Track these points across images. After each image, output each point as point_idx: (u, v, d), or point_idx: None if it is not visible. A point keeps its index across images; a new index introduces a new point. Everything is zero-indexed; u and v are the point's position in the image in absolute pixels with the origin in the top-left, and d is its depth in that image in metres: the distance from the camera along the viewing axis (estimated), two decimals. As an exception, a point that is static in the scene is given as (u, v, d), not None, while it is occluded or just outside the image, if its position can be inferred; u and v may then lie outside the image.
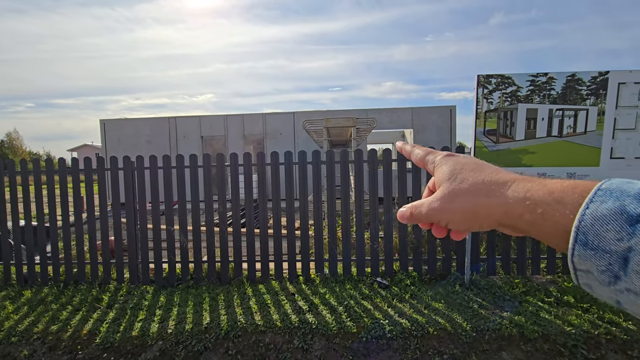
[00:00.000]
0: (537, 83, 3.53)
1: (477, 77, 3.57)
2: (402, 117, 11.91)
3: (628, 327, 2.98)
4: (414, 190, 4.12)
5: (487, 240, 4.13)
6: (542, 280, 3.98)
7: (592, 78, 3.49)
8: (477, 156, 3.65)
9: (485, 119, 3.63)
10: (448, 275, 4.08)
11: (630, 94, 3.48)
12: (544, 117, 3.58)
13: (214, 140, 12.49)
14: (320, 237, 4.20)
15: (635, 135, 3.53)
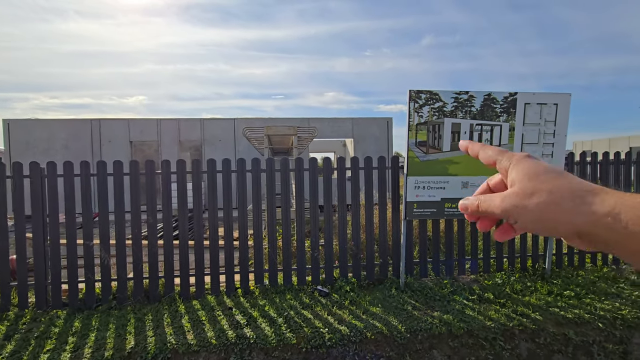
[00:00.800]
0: (460, 100, 3.89)
1: (409, 92, 3.82)
2: (343, 127, 12.28)
3: (536, 318, 3.37)
4: (352, 197, 4.23)
5: (419, 245, 4.39)
6: (467, 280, 4.34)
7: (504, 98, 3.96)
8: (410, 166, 3.89)
9: (416, 131, 3.88)
10: (385, 280, 4.24)
11: (534, 113, 4.01)
12: (466, 131, 3.95)
13: (145, 146, 11.56)
14: (260, 247, 4.08)
15: (538, 149, 4.06)
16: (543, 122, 4.03)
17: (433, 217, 4.04)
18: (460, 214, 4.02)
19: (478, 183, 4.00)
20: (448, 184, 3.97)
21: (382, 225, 4.29)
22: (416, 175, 3.91)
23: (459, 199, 4.08)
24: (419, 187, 3.93)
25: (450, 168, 3.96)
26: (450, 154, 3.95)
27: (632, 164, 4.81)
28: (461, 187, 3.99)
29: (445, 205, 4.00)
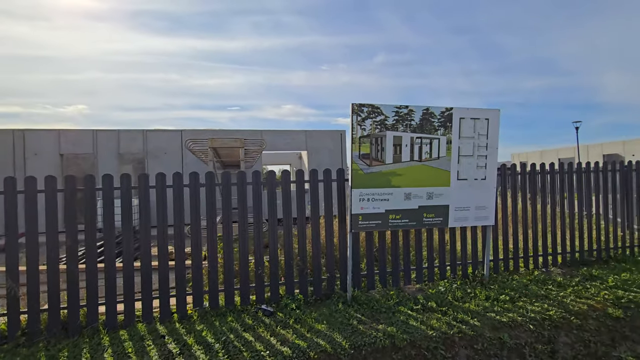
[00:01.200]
0: (400, 114, 4.00)
1: (351, 105, 3.86)
2: (297, 140, 12.26)
3: (474, 324, 3.47)
4: (298, 211, 4.13)
5: (366, 257, 4.38)
6: (413, 289, 4.40)
7: (441, 112, 4.14)
8: (354, 178, 3.90)
9: (360, 143, 3.91)
10: (333, 294, 4.16)
11: (468, 127, 4.24)
12: (407, 144, 4.06)
13: (80, 159, 10.58)
14: (199, 266, 3.81)
15: (473, 161, 4.29)
16: (477, 135, 4.27)
17: (378, 228, 4.07)
18: (405, 225, 4.09)
19: (420, 194, 4.12)
20: (392, 195, 4.03)
21: (329, 238, 4.23)
22: (361, 187, 3.92)
23: (402, 210, 4.17)
24: (364, 199, 3.95)
25: (394, 180, 4.03)
26: (393, 166, 4.03)
27: (564, 174, 5.27)
28: (404, 199, 4.07)
29: (389, 217, 4.05)
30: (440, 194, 4.20)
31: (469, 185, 4.30)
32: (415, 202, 4.12)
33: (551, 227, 5.17)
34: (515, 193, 5.03)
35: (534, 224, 5.09)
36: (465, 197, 4.29)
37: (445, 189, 4.21)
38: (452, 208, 4.27)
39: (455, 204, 4.27)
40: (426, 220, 4.20)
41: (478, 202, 4.36)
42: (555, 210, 5.19)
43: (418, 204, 4.13)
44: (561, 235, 5.22)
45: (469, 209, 4.33)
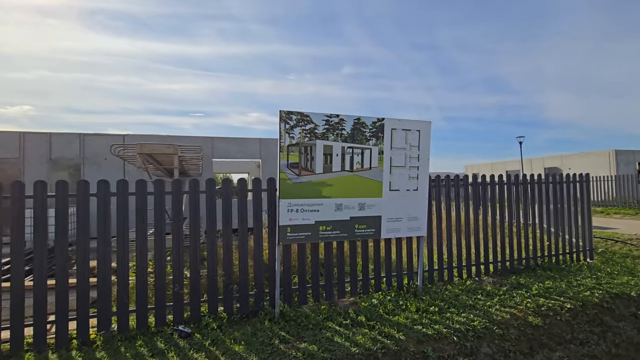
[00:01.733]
0: (331, 123, 3.93)
1: (279, 112, 3.72)
2: (251, 148, 11.97)
3: (400, 338, 3.40)
4: (223, 222, 3.88)
5: (299, 271, 4.21)
6: (346, 303, 4.28)
7: (372, 123, 4.12)
8: (282, 188, 3.74)
9: (288, 152, 3.77)
10: (260, 311, 3.93)
11: (400, 138, 4.25)
12: (338, 154, 3.98)
13: (4, 164, 9.54)
14: (108, 284, 3.44)
15: (405, 172, 4.30)
16: (408, 146, 4.30)
17: (308, 240, 3.92)
18: (336, 236, 3.98)
19: (352, 205, 4.04)
20: (322, 206, 3.91)
21: (257, 251, 4.01)
22: (289, 197, 3.77)
23: (333, 221, 4.06)
24: (293, 210, 3.79)
25: (324, 190, 3.92)
26: (323, 175, 3.92)
27: (511, 184, 5.46)
28: (335, 210, 3.97)
29: (320, 228, 3.93)
30: (372, 204, 4.15)
31: (401, 196, 4.29)
32: (347, 213, 4.03)
33: (483, 237, 5.32)
34: (449, 203, 5.13)
35: (467, 234, 5.21)
36: (397, 208, 4.28)
37: (377, 200, 4.17)
38: (385, 219, 4.23)
39: (387, 215, 4.24)
40: (358, 231, 4.12)
41: (410, 213, 4.37)
42: (487, 220, 5.35)
43: (350, 215, 4.05)
44: (493, 245, 5.39)
45: (401, 220, 4.32)
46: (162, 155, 5.91)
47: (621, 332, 3.99)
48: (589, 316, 4.13)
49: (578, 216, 6.19)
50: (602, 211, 16.14)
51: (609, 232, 10.20)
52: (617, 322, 4.11)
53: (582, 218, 6.21)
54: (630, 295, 4.58)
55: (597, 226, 11.83)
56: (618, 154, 20.65)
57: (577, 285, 4.83)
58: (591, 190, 17.98)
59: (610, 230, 10.87)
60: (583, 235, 6.20)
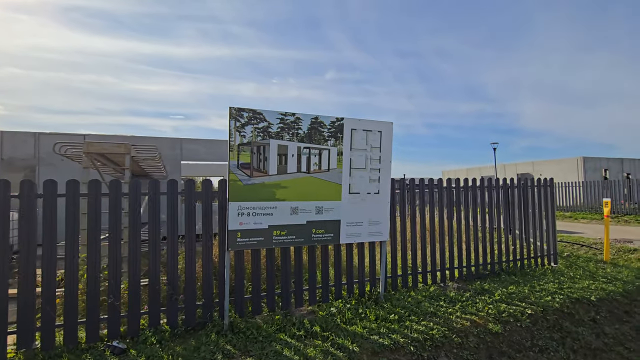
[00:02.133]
0: (286, 122, 3.72)
1: (229, 109, 3.49)
2: (220, 150, 11.61)
3: (353, 350, 3.20)
4: (168, 228, 3.59)
5: (252, 278, 3.96)
6: (304, 312, 4.05)
7: (331, 122, 3.95)
8: (232, 190, 3.49)
9: (239, 152, 3.54)
10: (208, 323, 3.65)
11: (360, 138, 4.09)
12: (294, 154, 3.78)
13: (-52, 164, 8.81)
14: (32, 296, 3.08)
15: (365, 174, 4.14)
16: (369, 148, 4.14)
17: (260, 246, 3.68)
18: (291, 242, 3.76)
19: (308, 208, 3.83)
20: (276, 209, 3.69)
21: (206, 258, 3.74)
22: (239, 200, 3.53)
23: (288, 225, 3.84)
24: (243, 214, 3.55)
25: (278, 192, 3.70)
26: (278, 177, 3.71)
27: (484, 189, 5.39)
28: (290, 213, 3.76)
29: (273, 233, 3.70)
30: (330, 208, 3.96)
31: (362, 199, 4.13)
32: (303, 216, 3.82)
33: (448, 242, 5.23)
34: (414, 207, 5.01)
35: (432, 239, 5.10)
36: (357, 212, 4.11)
37: (336, 203, 3.98)
38: (344, 223, 4.05)
39: (347, 219, 4.05)
40: (315, 236, 3.91)
41: (371, 217, 4.20)
42: (453, 225, 5.27)
43: (306, 219, 3.84)
44: (458, 250, 5.30)
45: (361, 224, 4.15)
46: (116, 156, 5.54)
47: (580, 338, 3.94)
48: (549, 322, 4.06)
49: (543, 221, 6.22)
50: (570, 216, 16.64)
51: (576, 237, 10.44)
52: (576, 328, 4.06)
53: (547, 223, 6.24)
54: (590, 300, 4.56)
55: (564, 230, 12.14)
56: (586, 161, 21.45)
57: (540, 290, 4.79)
58: (558, 195, 18.55)
59: (577, 234, 11.14)
60: (547, 240, 6.22)
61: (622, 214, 15.16)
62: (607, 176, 21.68)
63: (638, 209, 14.82)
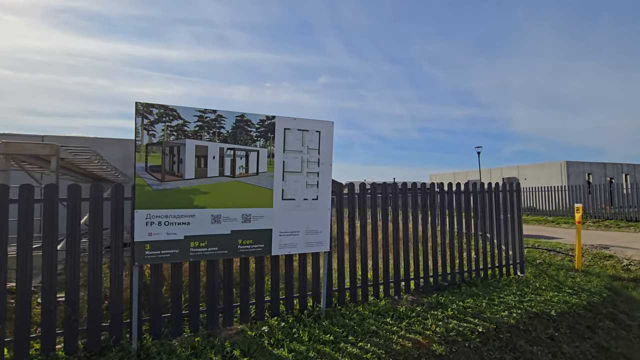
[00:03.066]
0: (205, 119, 3.33)
1: (135, 104, 3.09)
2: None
3: (270, 380, 2.80)
4: (68, 240, 3.16)
5: (172, 295, 3.54)
6: (232, 332, 3.64)
7: (260, 121, 3.57)
8: (139, 196, 3.08)
9: (147, 153, 3.13)
10: (116, 346, 3.21)
11: (295, 139, 3.72)
12: (215, 156, 3.39)
13: None
14: None
15: (301, 178, 3.76)
16: (306, 149, 3.77)
17: (175, 259, 3.27)
18: (213, 254, 3.35)
19: (233, 216, 3.43)
20: (194, 218, 3.28)
21: (114, 273, 3.31)
22: (148, 207, 3.12)
23: (209, 236, 3.42)
24: (154, 223, 3.14)
25: (197, 199, 3.30)
26: (196, 181, 3.30)
27: (469, 193, 5.04)
28: (211, 222, 3.35)
29: (191, 245, 3.29)
30: (260, 216, 3.57)
31: (297, 206, 3.75)
32: (227, 226, 3.42)
33: (403, 250, 4.86)
34: (365, 214, 4.63)
35: (385, 248, 4.73)
36: (292, 220, 3.72)
37: (266, 211, 3.59)
38: (276, 233, 3.65)
39: (280, 228, 3.66)
40: (243, 247, 3.51)
41: (309, 226, 3.82)
42: (408, 233, 4.90)
43: (230, 229, 3.44)
44: (414, 259, 4.94)
45: (297, 234, 3.76)
46: (42, 158, 5.08)
47: (534, 359, 3.58)
48: (501, 341, 3.70)
49: (508, 228, 5.90)
50: (553, 220, 16.47)
51: (554, 243, 10.19)
52: (531, 347, 3.71)
53: (513, 230, 5.92)
54: (549, 314, 4.22)
55: (544, 236, 11.90)
56: (569, 165, 21.41)
57: (498, 304, 4.44)
58: (541, 200, 18.40)
59: (555, 240, 10.91)
60: (513, 248, 5.90)
61: (603, 219, 15.02)
62: (591, 180, 21.65)
63: (619, 214, 14.68)
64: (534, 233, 12.84)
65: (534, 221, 16.95)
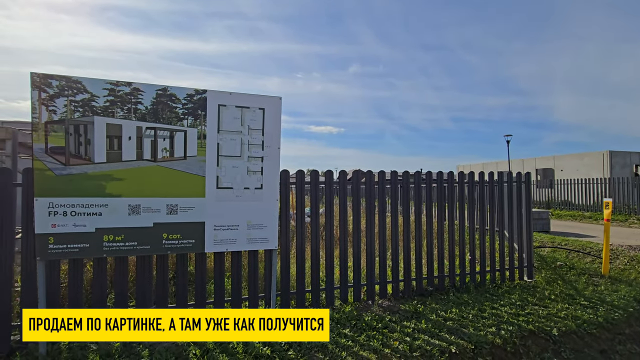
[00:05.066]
0: (118, 93, 2.86)
1: (30, 75, 2.67)
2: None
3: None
4: None
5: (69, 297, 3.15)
6: (164, 337, 3.21)
7: (187, 95, 3.04)
8: (38, 182, 2.69)
9: (47, 132, 2.72)
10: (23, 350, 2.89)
11: (233, 118, 3.17)
12: (132, 136, 2.92)
13: None
14: None
15: (241, 164, 3.22)
16: (247, 130, 3.21)
17: (86, 255, 2.87)
18: (132, 249, 2.92)
19: (156, 207, 2.97)
20: (107, 208, 2.85)
21: (24, 268, 2.96)
22: (51, 195, 2.72)
23: (126, 229, 2.93)
24: (58, 213, 2.74)
25: (109, 186, 2.86)
26: (108, 166, 2.86)
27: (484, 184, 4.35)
28: (129, 213, 2.91)
29: (104, 238, 2.86)
30: (189, 207, 3.08)
31: (236, 196, 3.21)
32: (149, 217, 2.96)
33: (379, 248, 4.20)
34: (330, 203, 4.02)
35: (356, 245, 4.10)
36: (230, 212, 3.20)
37: (197, 201, 3.09)
38: (210, 226, 3.15)
39: (214, 220, 3.16)
40: (168, 243, 3.05)
41: (252, 219, 3.28)
42: (385, 227, 4.23)
43: (153, 221, 2.98)
44: (392, 259, 4.27)
45: (237, 228, 3.24)
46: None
47: (520, 391, 2.86)
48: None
49: (514, 225, 5.04)
50: (590, 216, 14.82)
51: (584, 242, 8.97)
52: (517, 375, 2.98)
53: (520, 227, 5.05)
54: (550, 333, 3.43)
55: (574, 233, 10.60)
56: (613, 155, 19.20)
57: (488, 317, 3.70)
58: (577, 193, 16.66)
59: (587, 238, 9.63)
60: (520, 248, 5.04)
61: (650, 216, 13.25)
62: (639, 172, 19.30)
63: (670, 210, 12.86)
64: (564, 230, 11.51)
65: (567, 216, 15.36)
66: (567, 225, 12.85)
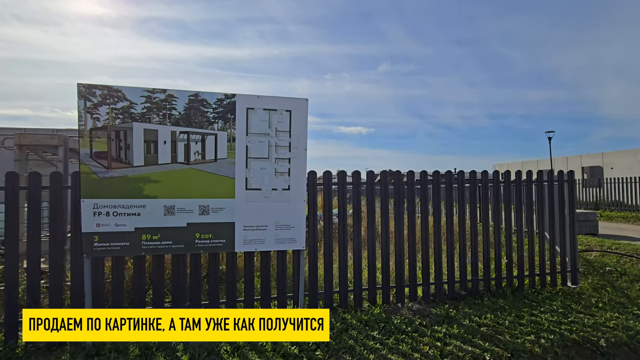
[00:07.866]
0: (154, 100, 3.02)
1: (77, 86, 2.89)
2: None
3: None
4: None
5: (113, 293, 3.35)
6: (197, 332, 3.35)
7: (218, 100, 3.16)
8: (84, 185, 2.90)
9: (91, 138, 2.93)
10: (74, 339, 3.13)
11: (260, 120, 3.24)
12: (166, 140, 3.07)
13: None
14: None
15: (269, 165, 3.28)
16: (274, 132, 3.28)
17: (125, 253, 3.06)
18: (167, 248, 3.07)
19: (189, 208, 3.11)
20: (144, 209, 3.02)
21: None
22: (95, 197, 2.93)
23: (162, 228, 3.12)
24: (101, 213, 2.94)
25: (147, 188, 3.03)
26: (145, 169, 3.03)
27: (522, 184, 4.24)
28: (164, 213, 3.07)
29: (142, 237, 3.04)
30: (220, 207, 3.19)
31: (265, 197, 3.28)
32: (182, 218, 3.11)
33: (409, 250, 4.11)
34: (358, 206, 3.99)
35: (384, 246, 4.03)
36: (259, 213, 3.28)
37: (227, 202, 3.20)
38: (240, 227, 3.24)
39: (243, 221, 3.25)
40: (201, 242, 3.18)
41: (280, 220, 3.34)
42: (415, 230, 4.13)
43: (186, 221, 3.12)
44: (422, 261, 4.16)
45: (265, 229, 3.31)
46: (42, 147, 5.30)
47: (562, 404, 2.68)
48: (516, 375, 2.85)
49: (556, 227, 4.73)
50: (646, 218, 13.57)
51: (638, 245, 8.24)
52: (559, 388, 2.80)
53: (563, 230, 4.73)
54: (597, 344, 3.18)
55: (627, 237, 9.76)
56: (673, 151, 17.46)
57: (527, 324, 3.51)
58: (631, 192, 15.35)
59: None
60: (563, 252, 4.72)
61: None
62: None
63: None
64: (614, 233, 10.64)
65: (619, 218, 14.16)
66: (618, 228, 11.86)
